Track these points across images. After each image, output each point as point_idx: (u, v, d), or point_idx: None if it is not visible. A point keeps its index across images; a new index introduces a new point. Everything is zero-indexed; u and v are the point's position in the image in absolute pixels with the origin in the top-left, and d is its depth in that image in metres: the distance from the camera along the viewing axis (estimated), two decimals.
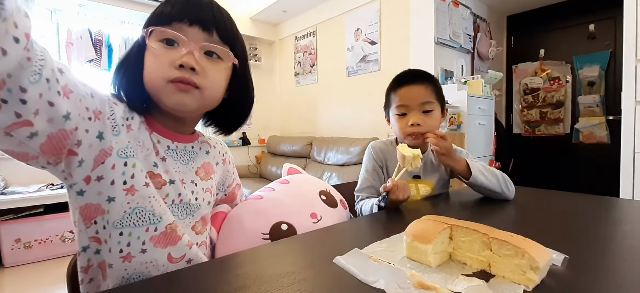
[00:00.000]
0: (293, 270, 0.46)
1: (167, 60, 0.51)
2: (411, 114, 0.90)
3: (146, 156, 0.53)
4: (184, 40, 0.51)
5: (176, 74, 0.51)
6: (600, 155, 2.73)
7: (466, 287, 0.40)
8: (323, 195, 0.87)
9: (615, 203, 0.87)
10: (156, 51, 0.51)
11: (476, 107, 2.39)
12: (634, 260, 0.48)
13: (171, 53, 0.51)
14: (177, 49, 0.51)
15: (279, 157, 3.48)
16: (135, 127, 0.53)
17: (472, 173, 0.84)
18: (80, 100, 0.43)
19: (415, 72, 0.95)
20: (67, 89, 0.41)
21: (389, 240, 0.56)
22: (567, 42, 2.92)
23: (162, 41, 0.51)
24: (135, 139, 0.52)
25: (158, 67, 0.51)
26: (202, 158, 0.63)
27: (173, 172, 0.56)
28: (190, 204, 0.58)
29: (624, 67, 1.60)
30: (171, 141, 0.58)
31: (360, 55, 2.99)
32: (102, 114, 0.48)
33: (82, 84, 0.45)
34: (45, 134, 0.39)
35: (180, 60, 0.50)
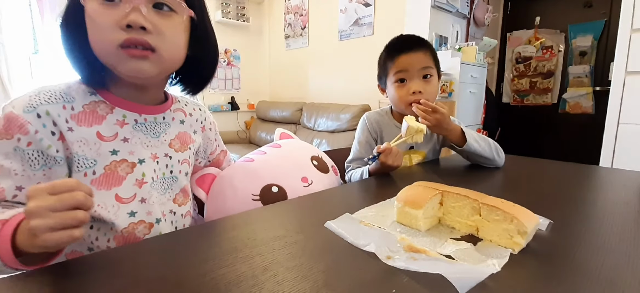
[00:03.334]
0: (284, 233, 0.46)
1: (109, 21, 0.44)
2: (411, 82, 0.87)
3: (97, 151, 0.49)
4: (132, 1, 0.44)
5: (124, 36, 0.45)
6: (584, 125, 2.81)
7: (454, 250, 0.41)
8: (315, 160, 0.87)
9: (597, 171, 0.90)
10: (95, 11, 0.44)
11: (468, 75, 2.38)
12: (613, 224, 0.50)
13: (113, 11, 0.44)
14: (119, 5, 0.44)
15: (268, 123, 3.43)
16: (67, 126, 0.47)
17: (467, 140, 0.84)
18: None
19: (411, 38, 0.91)
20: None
21: (379, 205, 0.57)
22: (563, 10, 2.88)
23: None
24: (81, 143, 0.48)
25: (101, 32, 0.45)
26: (175, 128, 0.60)
27: (141, 150, 0.53)
28: (165, 178, 0.57)
29: (619, 37, 1.59)
30: (139, 114, 0.53)
31: (353, 17, 2.87)
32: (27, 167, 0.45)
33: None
34: None
35: (126, 19, 0.44)
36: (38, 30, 2.47)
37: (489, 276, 0.35)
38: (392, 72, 0.90)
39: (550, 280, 0.35)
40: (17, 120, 0.43)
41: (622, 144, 1.65)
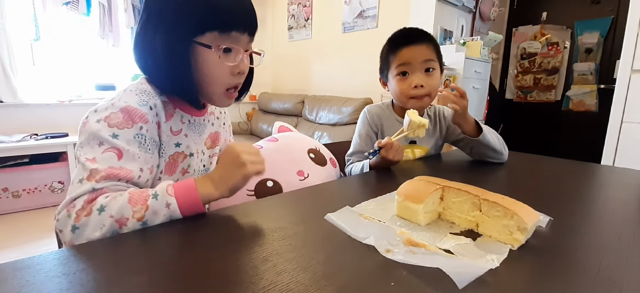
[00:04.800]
0: (284, 225, 0.46)
1: (227, 68, 0.56)
2: (413, 75, 0.87)
3: (169, 142, 0.59)
4: (240, 51, 0.57)
5: (234, 83, 0.58)
6: (587, 124, 2.79)
7: (454, 245, 0.41)
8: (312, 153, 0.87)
9: (598, 169, 0.89)
10: (218, 60, 0.55)
11: (472, 70, 2.36)
12: (613, 222, 0.50)
13: (229, 59, 0.56)
14: (233, 55, 0.56)
15: (270, 115, 3.43)
16: (161, 118, 0.56)
17: (482, 131, 0.83)
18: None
19: (413, 31, 0.89)
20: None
21: (379, 199, 0.57)
22: (570, 6, 2.83)
23: (222, 47, 0.54)
24: (164, 133, 0.57)
25: (219, 76, 0.56)
26: (209, 129, 0.69)
27: (192, 145, 0.63)
28: (200, 171, 0.67)
29: (626, 34, 1.57)
30: (191, 116, 0.63)
31: (357, 9, 2.84)
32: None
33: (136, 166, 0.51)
34: None
35: (240, 68, 0.57)
36: (39, 17, 2.46)
37: (488, 271, 0.35)
38: (394, 65, 0.89)
39: (548, 276, 0.35)
40: (136, 111, 0.52)
41: (625, 142, 1.64)
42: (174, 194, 0.47)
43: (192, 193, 0.47)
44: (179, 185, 0.48)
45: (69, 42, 2.63)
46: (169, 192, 0.47)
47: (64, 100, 2.58)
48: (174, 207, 0.46)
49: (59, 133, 2.39)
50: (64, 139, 2.32)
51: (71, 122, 2.59)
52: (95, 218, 0.43)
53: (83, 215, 0.43)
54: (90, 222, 0.43)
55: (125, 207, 0.44)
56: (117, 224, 0.43)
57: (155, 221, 0.45)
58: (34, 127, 2.44)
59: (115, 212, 0.43)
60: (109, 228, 0.43)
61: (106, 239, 0.42)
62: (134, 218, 0.44)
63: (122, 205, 0.44)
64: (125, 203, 0.44)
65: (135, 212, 0.44)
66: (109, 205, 0.44)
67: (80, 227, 0.43)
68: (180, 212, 0.46)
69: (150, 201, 0.45)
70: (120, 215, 0.43)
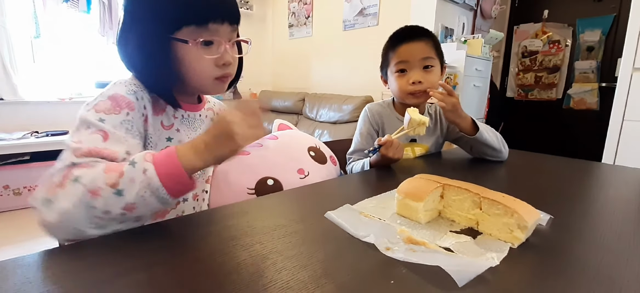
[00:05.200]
0: (284, 223, 0.46)
1: (210, 61, 0.56)
2: (411, 72, 0.87)
3: (159, 136, 0.58)
4: (222, 42, 0.56)
5: (222, 73, 0.58)
6: (588, 122, 2.78)
7: (454, 243, 0.41)
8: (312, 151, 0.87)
9: (599, 168, 0.89)
10: (198, 53, 0.54)
11: (473, 68, 2.35)
12: (614, 221, 0.50)
13: (211, 52, 0.55)
14: (215, 47, 0.56)
15: (270, 113, 3.42)
16: (149, 112, 0.56)
17: (479, 129, 0.83)
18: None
19: (413, 28, 0.90)
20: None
21: (379, 197, 0.57)
22: (572, 4, 2.82)
23: (200, 41, 0.54)
24: (152, 127, 0.57)
25: (204, 69, 0.56)
26: (207, 124, 0.68)
27: (185, 140, 0.62)
28: None
29: (628, 32, 1.56)
30: (185, 111, 0.63)
31: (358, 7, 2.83)
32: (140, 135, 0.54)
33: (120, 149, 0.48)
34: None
35: (224, 60, 0.56)
36: (39, 15, 2.45)
37: (488, 269, 0.35)
38: (393, 62, 0.89)
39: (548, 275, 0.35)
40: (124, 98, 0.52)
41: (626, 140, 1.64)
42: (152, 161, 0.43)
43: (172, 159, 0.44)
44: (159, 153, 0.45)
45: (69, 40, 2.63)
46: (146, 159, 0.44)
47: (64, 98, 2.58)
48: (151, 173, 0.42)
49: (59, 131, 2.39)
50: (65, 136, 2.32)
51: (71, 119, 2.54)
52: (68, 189, 0.40)
53: (56, 188, 0.40)
54: (62, 194, 0.40)
55: (99, 176, 0.41)
56: (89, 194, 0.40)
57: (131, 190, 0.41)
58: (35, 124, 2.45)
59: (88, 181, 0.40)
60: (81, 198, 0.39)
61: (107, 237, 0.42)
62: (106, 185, 0.40)
63: (96, 174, 0.41)
64: (99, 173, 0.41)
65: (108, 178, 0.41)
66: (83, 175, 0.41)
67: (52, 199, 0.40)
68: (159, 180, 0.42)
69: (126, 167, 0.42)
70: (94, 184, 0.40)
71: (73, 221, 0.39)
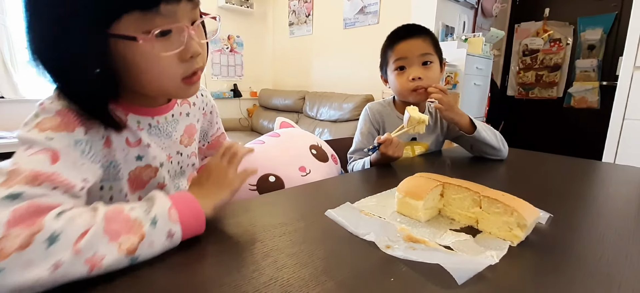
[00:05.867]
0: (285, 221, 0.46)
1: (172, 57, 0.41)
2: (411, 68, 0.87)
3: (125, 156, 0.48)
4: (183, 27, 0.41)
5: (190, 70, 0.44)
6: (588, 120, 2.78)
7: (454, 241, 0.41)
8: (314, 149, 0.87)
9: (599, 167, 0.89)
10: (153, 50, 0.39)
11: (474, 66, 2.35)
12: (613, 219, 0.50)
13: (170, 44, 0.40)
14: (175, 37, 0.41)
15: (270, 111, 3.42)
16: (110, 131, 0.45)
17: (476, 127, 0.84)
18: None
19: (411, 26, 0.90)
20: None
21: (380, 195, 0.57)
22: (573, 2, 2.81)
23: (154, 34, 0.38)
24: (118, 149, 0.46)
25: (165, 70, 0.41)
26: (183, 123, 0.57)
27: (160, 153, 0.52)
28: (176, 173, 0.58)
29: (629, 31, 1.56)
30: (151, 117, 0.50)
31: (358, 5, 2.83)
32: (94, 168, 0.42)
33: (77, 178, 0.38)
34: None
35: (191, 51, 0.42)
36: None
37: (487, 267, 0.35)
38: (392, 60, 0.89)
39: (547, 272, 0.35)
40: (73, 116, 0.40)
41: (626, 139, 1.64)
42: (179, 220, 0.36)
43: (200, 220, 0.39)
44: (183, 207, 0.38)
45: None
46: (172, 218, 0.36)
47: None
48: (178, 237, 0.36)
49: None
50: None
51: None
52: (39, 252, 0.27)
53: (14, 248, 0.27)
54: (29, 259, 0.27)
55: (100, 240, 0.30)
56: (87, 264, 0.29)
57: (147, 253, 0.34)
58: None
59: (85, 245, 0.29)
60: (69, 269, 0.28)
61: None
62: (116, 254, 0.31)
63: (94, 236, 0.30)
64: (99, 234, 0.31)
65: (123, 242, 0.32)
66: (66, 233, 0.29)
67: (7, 268, 0.26)
68: (180, 240, 0.37)
69: (146, 228, 0.34)
70: (94, 251, 0.30)
71: (42, 287, 0.28)
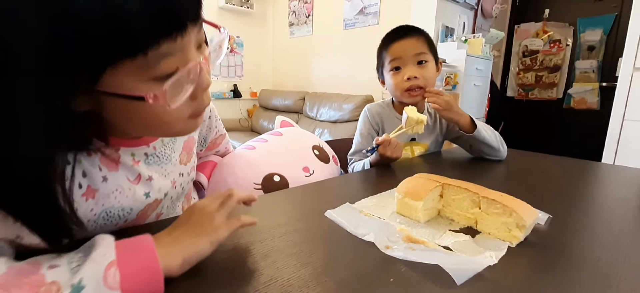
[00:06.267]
0: (285, 221, 0.46)
1: (183, 100, 0.34)
2: (406, 68, 0.87)
3: (133, 197, 0.43)
4: (191, 59, 0.33)
5: (204, 105, 0.38)
6: (588, 121, 2.78)
7: (453, 242, 0.41)
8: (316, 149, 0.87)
9: (598, 168, 0.89)
10: (160, 100, 0.32)
11: (474, 67, 2.35)
12: (612, 220, 0.50)
13: (180, 87, 0.33)
14: (184, 76, 0.33)
15: (270, 111, 3.43)
16: (106, 172, 0.39)
17: (477, 126, 0.84)
18: None
19: (405, 27, 0.91)
20: None
21: (379, 196, 0.57)
22: (573, 3, 2.82)
23: (165, 90, 0.31)
24: (108, 199, 0.40)
25: (177, 114, 0.35)
26: (181, 139, 0.52)
27: (163, 183, 0.48)
28: (178, 197, 0.54)
29: (629, 32, 1.56)
30: (146, 146, 0.45)
31: (358, 6, 2.83)
32: None
33: None
34: None
35: (204, 85, 0.36)
36: None
37: (486, 268, 0.35)
38: (387, 61, 0.90)
39: (546, 273, 0.35)
40: None
41: (626, 140, 1.64)
42: (120, 286, 0.26)
43: (154, 278, 0.28)
44: (133, 263, 0.28)
45: None
46: (108, 283, 0.26)
47: None
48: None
49: None
50: None
51: None
52: None
53: None
54: None
55: None
56: None
57: None
58: None
59: None
60: None
61: (111, 233, 0.41)
62: None
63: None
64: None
65: None
66: None
67: None
68: None
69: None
70: None
71: None
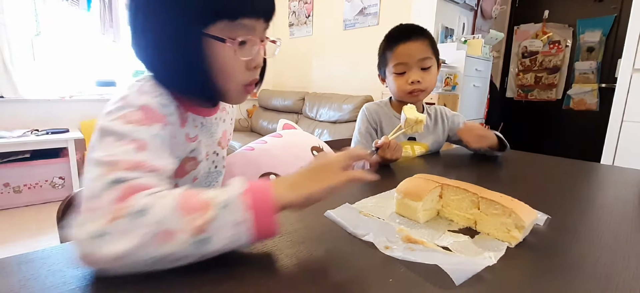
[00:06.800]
0: (284, 221, 0.46)
1: (242, 63, 0.48)
2: (410, 72, 0.88)
3: (184, 150, 0.53)
4: (256, 41, 0.48)
5: (251, 78, 0.51)
6: (587, 122, 2.79)
7: (452, 242, 0.41)
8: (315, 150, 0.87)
9: (597, 168, 0.90)
10: (234, 54, 0.47)
11: (473, 68, 2.35)
12: (611, 221, 0.50)
13: (244, 53, 0.48)
14: (248, 48, 0.48)
15: (270, 112, 3.43)
16: (176, 125, 0.50)
17: (507, 146, 0.87)
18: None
19: (410, 28, 0.91)
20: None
21: (379, 196, 0.57)
22: (573, 4, 2.82)
23: (238, 41, 0.46)
24: (178, 141, 0.51)
25: (235, 72, 0.49)
26: (222, 127, 0.64)
27: (203, 150, 0.57)
28: (210, 172, 0.62)
29: (628, 33, 1.57)
30: (203, 117, 0.57)
31: (358, 7, 2.83)
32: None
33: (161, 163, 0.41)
34: None
35: (256, 62, 0.49)
36: (40, 12, 2.45)
37: (485, 268, 0.35)
38: (392, 63, 0.90)
39: (545, 274, 0.35)
40: (156, 112, 0.45)
41: (625, 141, 1.65)
42: (252, 207, 0.34)
43: (271, 215, 0.35)
44: (255, 195, 0.35)
45: (69, 38, 2.63)
46: (246, 204, 0.34)
47: (64, 96, 2.58)
48: (249, 226, 0.34)
49: (59, 129, 2.40)
50: (65, 134, 2.33)
51: (72, 118, 2.59)
52: (126, 223, 0.31)
53: (109, 219, 0.31)
54: (119, 229, 0.31)
55: (172, 214, 0.32)
56: (161, 234, 0.31)
57: (218, 240, 0.33)
58: (35, 122, 2.45)
59: (159, 217, 0.31)
60: (149, 240, 0.31)
61: None
62: (187, 229, 0.32)
63: (167, 210, 0.32)
64: (172, 208, 0.32)
65: (190, 220, 0.32)
66: (151, 209, 0.32)
67: (107, 234, 0.31)
68: (251, 237, 0.34)
69: (214, 211, 0.33)
70: (167, 224, 0.31)
71: (131, 263, 0.31)
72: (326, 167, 0.41)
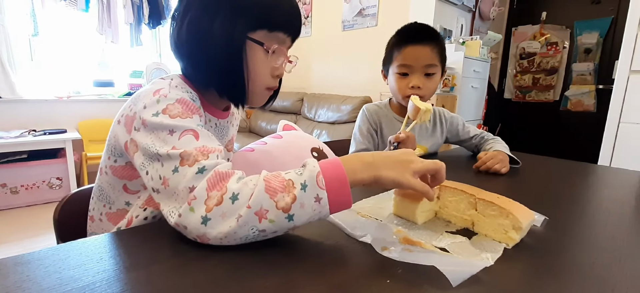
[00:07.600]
0: None
1: (269, 69, 0.54)
2: (413, 76, 0.87)
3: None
4: (284, 53, 0.55)
5: (273, 84, 0.57)
6: (584, 124, 2.80)
7: (450, 243, 0.41)
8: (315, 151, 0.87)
9: (594, 170, 0.90)
10: (265, 59, 0.53)
11: (471, 69, 2.36)
12: (608, 221, 0.51)
13: (273, 60, 0.54)
14: (275, 57, 0.54)
15: (269, 112, 3.42)
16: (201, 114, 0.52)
17: (519, 163, 0.86)
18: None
19: (421, 28, 0.88)
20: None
21: (377, 197, 0.57)
22: (570, 6, 2.84)
23: (274, 48, 0.52)
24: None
25: (262, 75, 0.54)
26: (231, 131, 0.67)
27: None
28: None
29: (625, 34, 1.57)
30: (217, 119, 0.60)
31: (357, 7, 2.84)
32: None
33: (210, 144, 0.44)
34: None
35: (279, 71, 0.56)
36: (38, 13, 2.44)
37: (482, 269, 0.35)
38: (397, 63, 0.89)
39: (542, 275, 0.35)
40: (192, 104, 0.48)
41: (622, 143, 1.65)
42: (326, 187, 0.38)
43: (345, 188, 0.39)
44: (329, 173, 0.39)
45: (67, 38, 2.62)
46: (319, 184, 0.38)
47: (62, 97, 2.57)
48: (325, 202, 0.38)
49: (57, 129, 2.39)
50: (62, 135, 2.32)
51: (69, 118, 2.58)
52: (228, 207, 0.37)
53: (213, 205, 0.37)
54: (223, 212, 0.37)
55: (262, 196, 0.37)
56: (256, 217, 0.37)
57: (301, 216, 0.38)
58: (32, 123, 2.44)
59: (253, 201, 0.37)
60: (246, 221, 0.36)
61: (108, 236, 0.42)
62: (277, 208, 0.37)
63: (258, 193, 0.37)
64: (261, 192, 0.37)
65: (278, 200, 0.37)
66: (242, 193, 0.37)
67: (212, 218, 0.37)
68: (329, 210, 0.39)
69: (297, 192, 0.38)
70: (259, 206, 0.37)
71: (233, 239, 0.38)
72: (403, 163, 0.42)
